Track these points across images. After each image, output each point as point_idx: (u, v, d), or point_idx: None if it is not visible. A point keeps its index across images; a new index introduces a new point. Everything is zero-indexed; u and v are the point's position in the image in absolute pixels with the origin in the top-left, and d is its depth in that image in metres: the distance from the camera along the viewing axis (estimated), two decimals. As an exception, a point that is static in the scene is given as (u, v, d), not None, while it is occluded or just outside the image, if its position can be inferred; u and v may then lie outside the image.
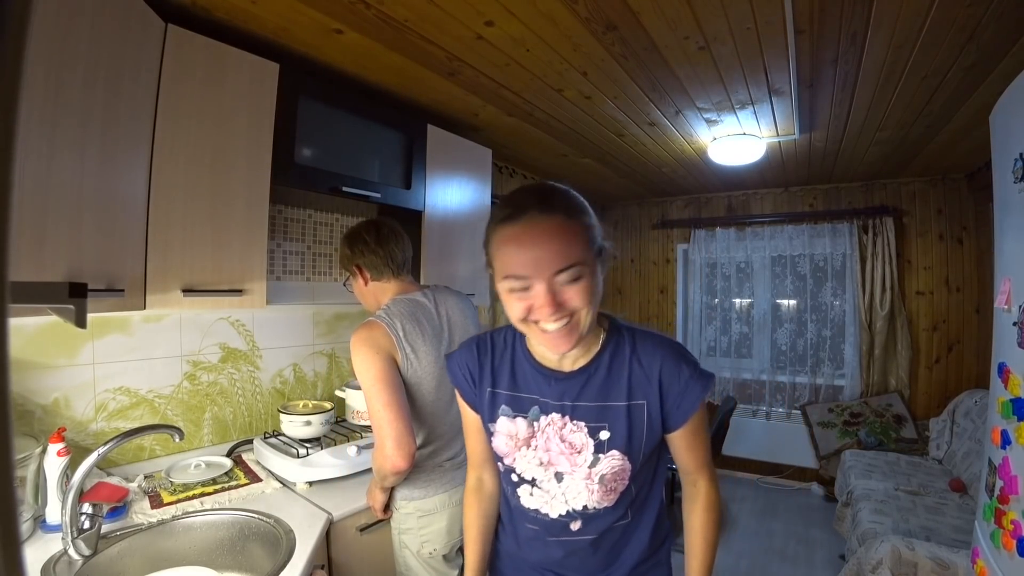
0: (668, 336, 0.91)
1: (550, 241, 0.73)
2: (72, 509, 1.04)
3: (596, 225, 0.80)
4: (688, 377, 0.85)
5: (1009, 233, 1.34)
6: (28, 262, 0.87)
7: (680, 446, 0.91)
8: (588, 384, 0.86)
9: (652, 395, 0.85)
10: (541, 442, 0.88)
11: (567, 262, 0.73)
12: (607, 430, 0.85)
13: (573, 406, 0.86)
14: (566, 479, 0.88)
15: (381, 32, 1.51)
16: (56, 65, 0.91)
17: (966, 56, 1.62)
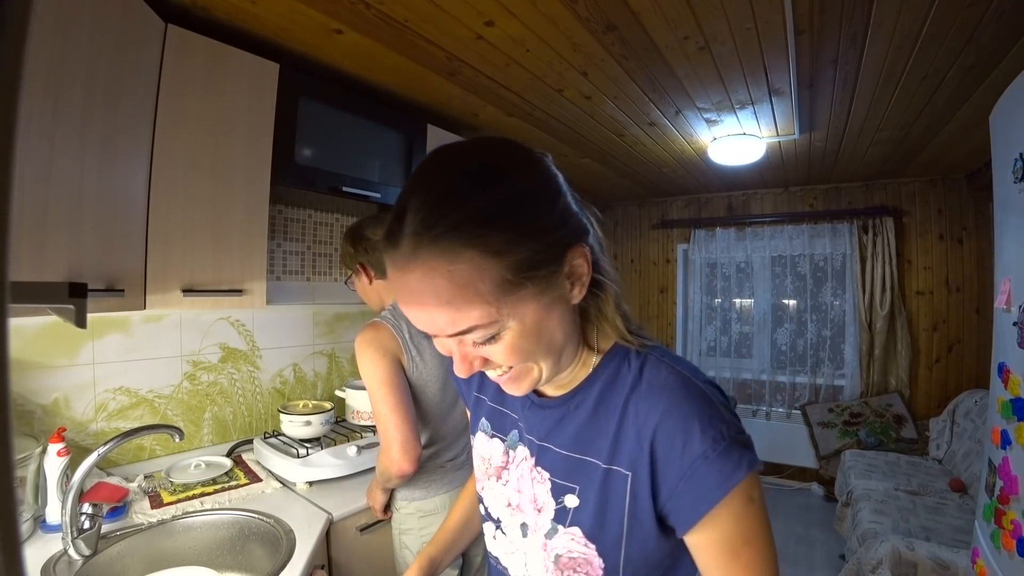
0: (695, 372, 0.56)
1: (426, 292, 0.47)
2: (72, 509, 1.04)
3: (546, 227, 0.49)
4: (700, 455, 0.50)
5: (1009, 233, 1.34)
6: (28, 262, 0.87)
7: (705, 565, 0.54)
8: (564, 421, 0.60)
9: (642, 467, 0.54)
10: (513, 478, 0.64)
11: (462, 325, 0.48)
12: (576, 495, 0.58)
13: (540, 447, 0.61)
14: (529, 536, 0.63)
15: (381, 32, 1.51)
16: (56, 65, 0.91)
17: (966, 56, 1.62)
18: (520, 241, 0.47)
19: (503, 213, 0.47)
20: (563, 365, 0.57)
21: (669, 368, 0.55)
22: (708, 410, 0.51)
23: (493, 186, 0.48)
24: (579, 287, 0.53)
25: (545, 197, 0.51)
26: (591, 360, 0.59)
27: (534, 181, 0.52)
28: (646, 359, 0.57)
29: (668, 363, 0.56)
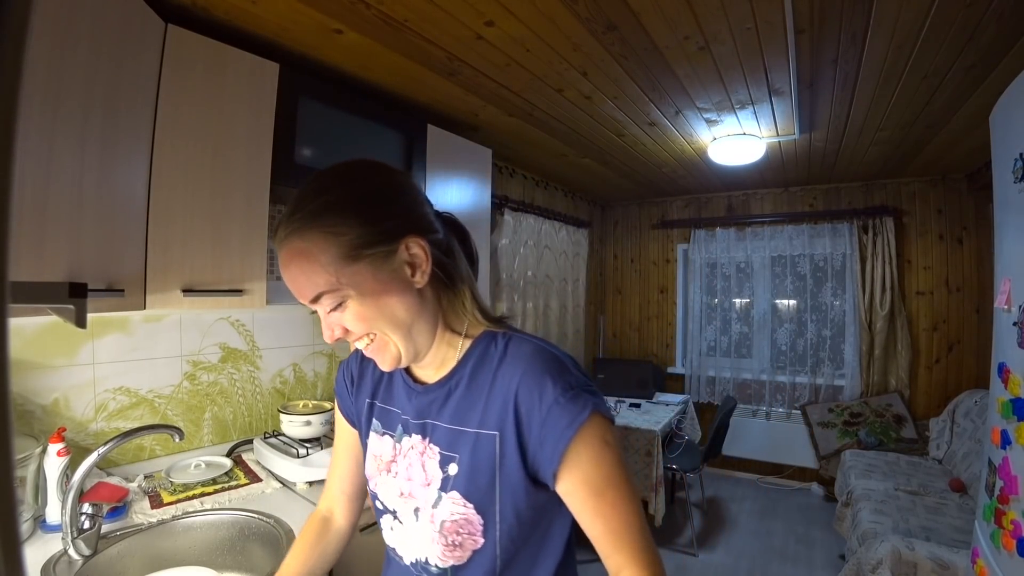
0: (551, 345, 0.66)
1: (290, 265, 0.60)
2: (72, 509, 1.04)
3: (381, 215, 0.61)
4: (552, 401, 0.59)
5: (1009, 233, 1.34)
6: (28, 262, 0.87)
7: (577, 510, 0.62)
8: (447, 401, 0.68)
9: (508, 425, 0.62)
10: (402, 468, 0.71)
11: (312, 292, 0.60)
12: (456, 463, 0.66)
13: (433, 425, 0.69)
14: (421, 518, 0.69)
15: (381, 32, 1.51)
16: (56, 65, 0.91)
17: (966, 56, 1.62)
18: (355, 224, 0.59)
19: (345, 204, 0.60)
20: (420, 345, 0.67)
21: (528, 342, 0.66)
22: (558, 367, 0.63)
23: (342, 185, 0.62)
24: (419, 274, 0.63)
25: (385, 196, 0.63)
26: (463, 345, 0.69)
27: (377, 184, 0.63)
28: (511, 338, 0.67)
29: (528, 339, 0.67)
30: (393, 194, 0.64)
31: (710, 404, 3.98)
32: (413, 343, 0.66)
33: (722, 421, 3.01)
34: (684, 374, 4.12)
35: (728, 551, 2.83)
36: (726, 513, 3.32)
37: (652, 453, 2.71)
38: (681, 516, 3.24)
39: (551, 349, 0.65)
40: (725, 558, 2.76)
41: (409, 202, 0.65)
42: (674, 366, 4.23)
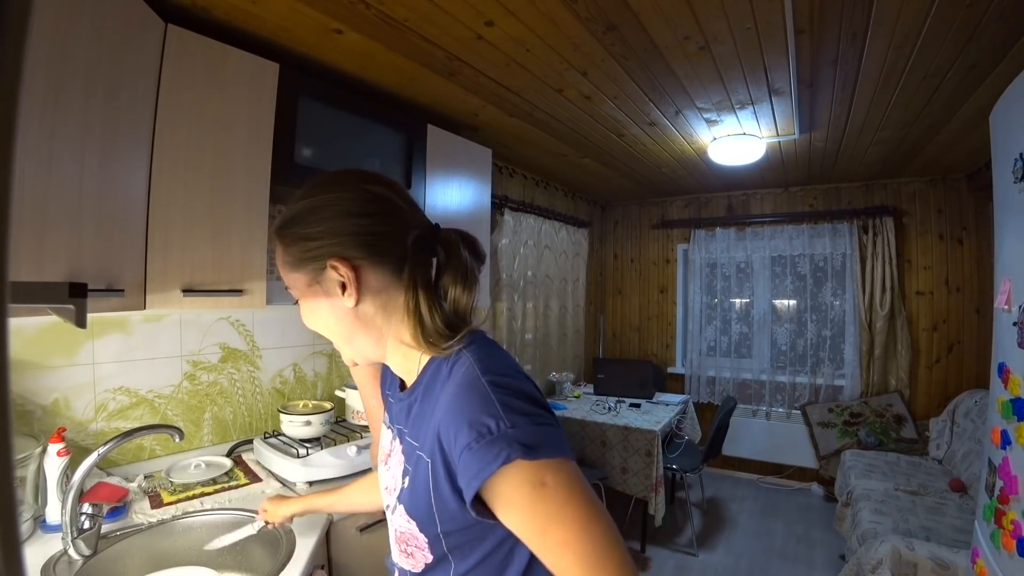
0: (485, 372, 0.60)
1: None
2: (72, 509, 1.04)
3: (309, 231, 0.64)
4: (464, 446, 0.55)
5: (1009, 233, 1.34)
6: (28, 262, 0.87)
7: (528, 544, 0.57)
8: (410, 414, 0.68)
9: (437, 456, 0.60)
10: (392, 463, 0.71)
11: (286, 284, 0.70)
12: (409, 477, 0.65)
13: (402, 432, 0.70)
14: (391, 517, 0.71)
15: (381, 32, 1.51)
16: (56, 65, 0.91)
17: (966, 56, 1.62)
18: (297, 239, 0.66)
19: (296, 219, 0.66)
20: (367, 353, 0.70)
21: (469, 366, 0.61)
22: (480, 405, 0.56)
23: (305, 198, 0.67)
24: (347, 295, 0.64)
25: (318, 218, 0.65)
26: (421, 360, 0.68)
27: (325, 202, 0.66)
28: (459, 357, 0.63)
29: (473, 360, 0.62)
30: (334, 214, 0.65)
31: (710, 404, 3.98)
32: (356, 350, 0.70)
33: (722, 421, 3.01)
34: (684, 374, 4.12)
35: (728, 551, 2.83)
36: (726, 513, 3.32)
37: (652, 453, 2.71)
38: (681, 516, 3.24)
39: (483, 378, 0.59)
40: (725, 558, 2.76)
41: (352, 223, 0.64)
42: (674, 366, 4.23)
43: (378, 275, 0.65)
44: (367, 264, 0.65)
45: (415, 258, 0.66)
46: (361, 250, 0.64)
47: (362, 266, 0.64)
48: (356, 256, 0.64)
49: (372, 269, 0.65)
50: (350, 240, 0.64)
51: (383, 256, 0.65)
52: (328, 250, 0.64)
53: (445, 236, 0.68)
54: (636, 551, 2.84)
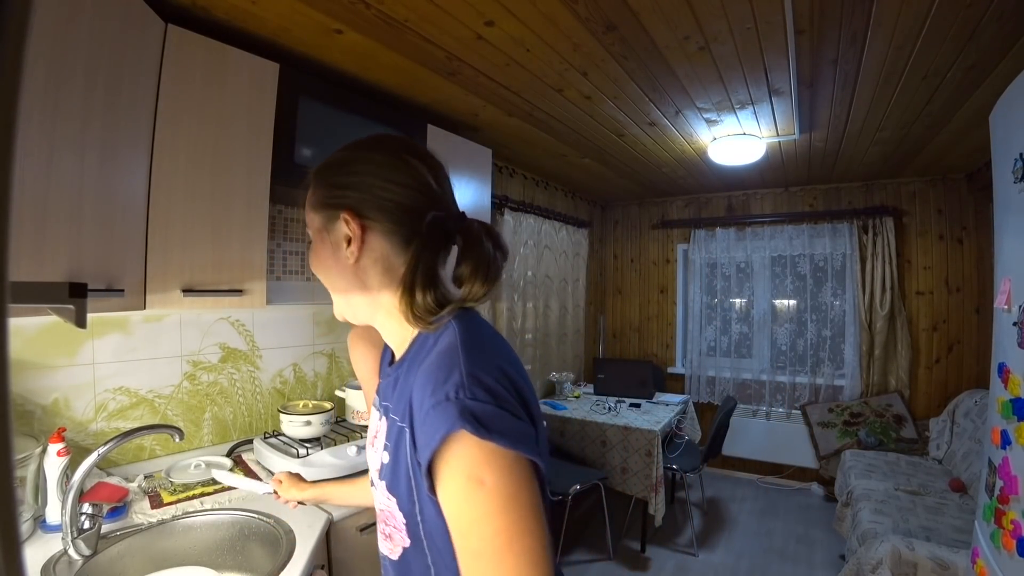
0: (470, 343, 0.59)
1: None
2: (72, 509, 1.04)
3: (337, 180, 0.66)
4: (431, 405, 0.53)
5: (1009, 233, 1.34)
6: (28, 262, 0.87)
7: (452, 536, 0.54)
8: (395, 387, 0.66)
9: (407, 421, 0.58)
10: (378, 442, 0.68)
11: (306, 223, 0.71)
12: (388, 452, 0.63)
13: (386, 408, 0.68)
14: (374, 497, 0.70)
15: (381, 32, 1.51)
16: (56, 65, 0.91)
17: (966, 56, 1.62)
18: (323, 184, 0.68)
19: (328, 169, 0.68)
20: (360, 315, 0.70)
21: (453, 334, 0.60)
22: (452, 372, 0.54)
23: (343, 150, 0.69)
24: (349, 251, 0.65)
25: (350, 170, 0.66)
26: (414, 332, 0.67)
27: (355, 159, 0.67)
28: (447, 327, 0.62)
29: (458, 330, 0.61)
30: (364, 171, 0.65)
31: (710, 404, 3.98)
32: (349, 306, 0.70)
33: (722, 421, 3.01)
34: (684, 374, 4.12)
35: (728, 551, 2.83)
36: (726, 513, 3.32)
37: (652, 453, 2.71)
38: (681, 516, 3.24)
39: (462, 347, 0.57)
40: (725, 558, 2.76)
41: (377, 185, 0.64)
42: (674, 366, 4.23)
43: (384, 241, 0.65)
44: (377, 228, 0.65)
45: (427, 237, 0.65)
46: (375, 212, 0.64)
47: (372, 227, 0.65)
48: (369, 216, 0.64)
49: (380, 234, 0.65)
50: (369, 200, 0.64)
51: (396, 225, 0.65)
52: (346, 202, 0.65)
53: (467, 225, 0.66)
54: (636, 551, 2.84)
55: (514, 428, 0.52)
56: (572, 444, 2.97)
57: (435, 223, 0.65)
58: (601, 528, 2.97)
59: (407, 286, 0.63)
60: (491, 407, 0.52)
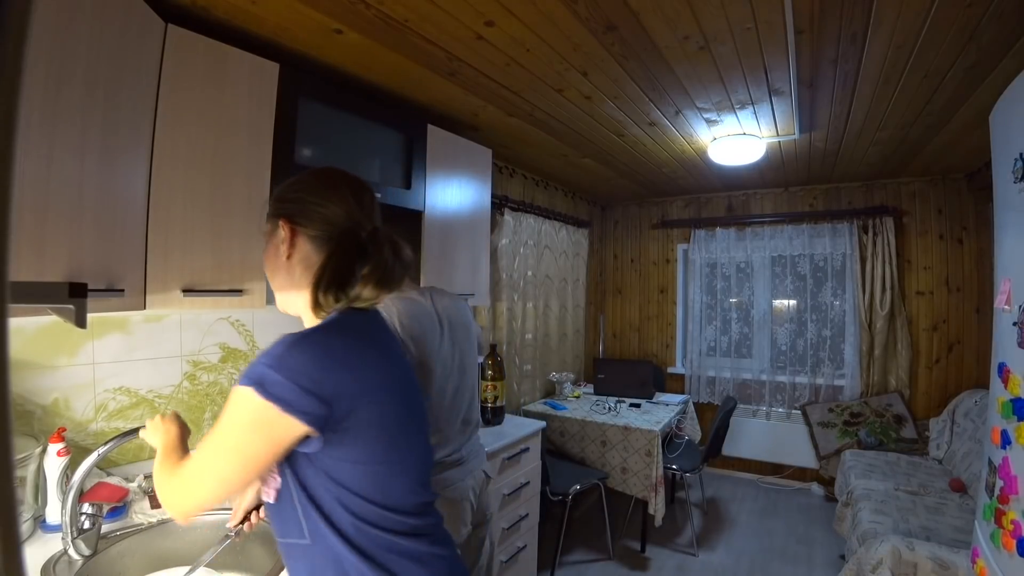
0: (307, 331, 0.76)
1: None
2: (72, 509, 1.04)
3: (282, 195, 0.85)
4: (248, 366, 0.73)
5: (1009, 233, 1.34)
6: (28, 262, 0.87)
7: None
8: None
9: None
10: None
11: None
12: None
13: None
14: None
15: (381, 32, 1.51)
16: (56, 65, 0.91)
17: (966, 56, 1.62)
18: (272, 201, 0.87)
19: (280, 189, 0.88)
20: (286, 306, 0.87)
21: (314, 325, 0.78)
22: (266, 354, 0.71)
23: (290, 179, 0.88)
24: (284, 251, 0.83)
25: (293, 189, 0.85)
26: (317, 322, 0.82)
27: (298, 181, 0.86)
28: (324, 320, 0.80)
29: (322, 324, 0.78)
30: (300, 188, 0.84)
31: (710, 404, 3.98)
32: (285, 301, 0.87)
33: (722, 421, 3.01)
34: (684, 374, 4.12)
35: (728, 551, 2.83)
36: (726, 513, 3.32)
37: (652, 453, 2.71)
38: (681, 516, 3.24)
39: (287, 339, 0.73)
40: (725, 558, 2.76)
41: (307, 199, 0.83)
42: (674, 366, 4.23)
43: (308, 244, 0.82)
44: (304, 233, 0.82)
45: (340, 242, 0.80)
46: (304, 220, 0.82)
47: (300, 232, 0.82)
48: (298, 223, 0.83)
49: (306, 238, 0.82)
50: (300, 211, 0.82)
51: (318, 232, 0.82)
52: (283, 212, 0.84)
53: (376, 236, 0.82)
54: (636, 551, 2.84)
55: (289, 391, 0.68)
56: (572, 444, 2.97)
57: (348, 232, 0.81)
58: (601, 528, 2.97)
59: (316, 281, 0.79)
60: (279, 377, 0.68)
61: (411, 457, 0.82)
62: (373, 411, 0.76)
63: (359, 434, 0.74)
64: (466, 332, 1.44)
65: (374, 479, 0.75)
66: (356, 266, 0.79)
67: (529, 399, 3.34)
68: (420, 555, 0.78)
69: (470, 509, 1.39)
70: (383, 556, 0.75)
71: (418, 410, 0.88)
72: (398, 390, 0.82)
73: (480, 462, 1.46)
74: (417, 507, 0.81)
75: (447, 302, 1.44)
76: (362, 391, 0.75)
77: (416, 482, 0.82)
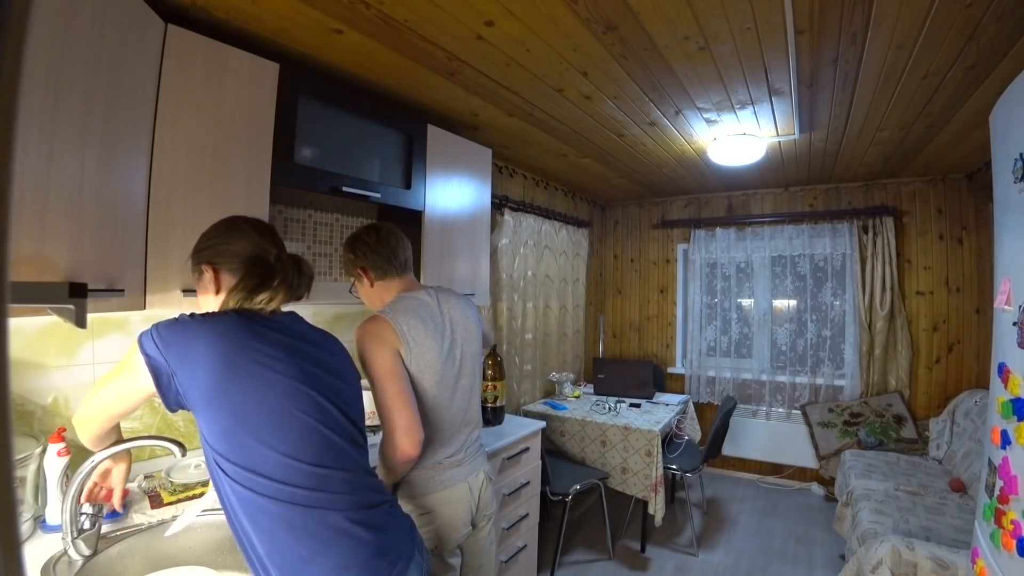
0: (189, 315, 0.96)
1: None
2: (72, 509, 1.04)
3: (199, 246, 1.05)
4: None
5: (1009, 233, 1.34)
6: (28, 262, 0.87)
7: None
8: None
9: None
10: None
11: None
12: None
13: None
14: None
15: (381, 32, 1.51)
16: (56, 65, 0.91)
17: (966, 56, 1.62)
18: (192, 255, 1.05)
19: (197, 243, 1.06)
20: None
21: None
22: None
23: (203, 234, 1.07)
24: (212, 286, 1.02)
25: (205, 240, 1.05)
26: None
27: (209, 233, 1.06)
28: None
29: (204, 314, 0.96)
30: (210, 238, 1.04)
31: (710, 404, 3.98)
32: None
33: (722, 421, 3.01)
34: (684, 374, 4.12)
35: (728, 551, 2.83)
36: (726, 513, 3.32)
37: (652, 453, 2.71)
38: (681, 516, 3.24)
39: (188, 317, 0.93)
40: (725, 558, 2.76)
41: (217, 243, 1.02)
42: (674, 366, 4.23)
43: (230, 276, 1.01)
44: (224, 268, 1.02)
45: (248, 266, 1.00)
46: (220, 259, 1.02)
47: (220, 269, 1.02)
48: (217, 264, 1.02)
49: (227, 271, 1.01)
50: (215, 253, 1.02)
51: (235, 265, 1.01)
52: (202, 259, 1.02)
53: (278, 257, 1.03)
54: (636, 551, 2.84)
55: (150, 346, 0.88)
56: (572, 444, 2.97)
57: (255, 259, 1.01)
58: (601, 528, 2.97)
59: (230, 293, 0.98)
60: (152, 338, 0.89)
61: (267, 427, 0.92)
62: (201, 377, 0.89)
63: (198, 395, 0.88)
64: (471, 332, 1.45)
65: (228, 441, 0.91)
66: (267, 282, 0.98)
67: (529, 399, 3.34)
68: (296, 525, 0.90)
69: (471, 509, 1.39)
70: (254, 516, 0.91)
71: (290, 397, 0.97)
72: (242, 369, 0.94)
73: (481, 462, 1.46)
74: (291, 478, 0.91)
75: (453, 301, 1.45)
76: (193, 357, 0.89)
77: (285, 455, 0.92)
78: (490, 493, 1.47)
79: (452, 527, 1.34)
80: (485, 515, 1.45)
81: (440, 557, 1.34)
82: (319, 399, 0.98)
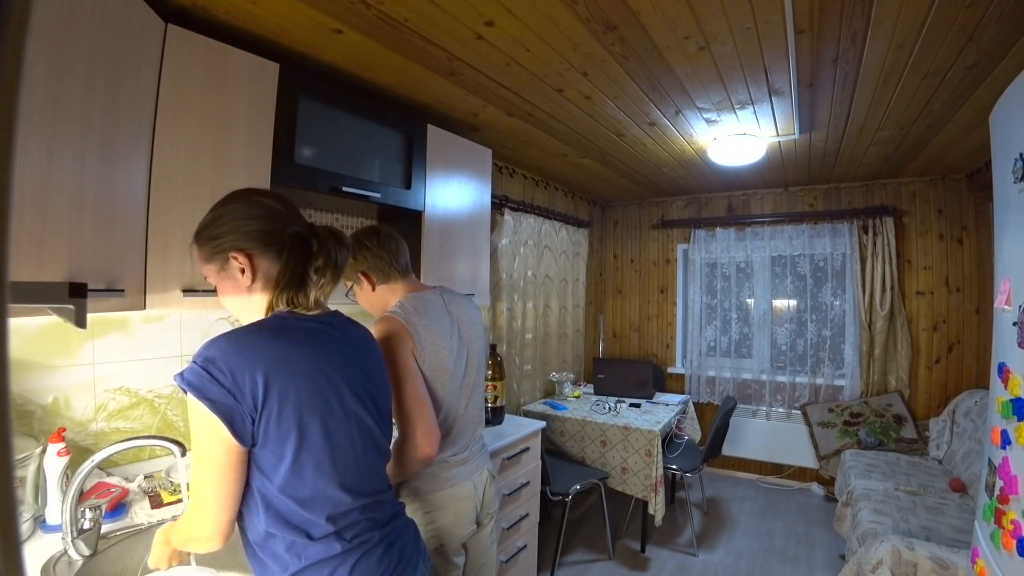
0: (237, 330, 0.84)
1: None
2: (72, 509, 1.04)
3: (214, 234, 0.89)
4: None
5: (1009, 233, 1.34)
6: (28, 262, 0.87)
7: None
8: None
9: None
10: None
11: (204, 275, 0.94)
12: None
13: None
14: None
15: (381, 32, 1.51)
16: (56, 65, 0.91)
17: (966, 56, 1.62)
18: (204, 244, 0.88)
19: (204, 230, 0.89)
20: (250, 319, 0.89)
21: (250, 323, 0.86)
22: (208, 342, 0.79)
23: (206, 216, 0.90)
24: (246, 277, 0.87)
25: (219, 223, 0.87)
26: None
27: (219, 214, 0.88)
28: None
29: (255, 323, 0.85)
30: (231, 219, 0.87)
31: (710, 404, 3.98)
32: (248, 319, 0.90)
33: (722, 421, 3.01)
34: (684, 374, 4.12)
35: (728, 551, 2.83)
36: (726, 513, 3.32)
37: (652, 453, 2.71)
38: (681, 516, 3.24)
39: (229, 333, 0.81)
40: (725, 558, 2.76)
41: (243, 224, 0.86)
42: (674, 366, 4.23)
43: (265, 260, 0.87)
44: (258, 253, 0.87)
45: (290, 246, 0.87)
46: (249, 242, 0.86)
47: (254, 254, 0.87)
48: (247, 247, 0.86)
49: (260, 256, 0.87)
50: (241, 237, 0.86)
51: (268, 246, 0.87)
52: (227, 245, 0.86)
53: (317, 231, 0.91)
54: (636, 551, 2.84)
55: (209, 388, 0.75)
56: (572, 444, 2.97)
57: (294, 235, 0.88)
58: (601, 528, 2.97)
59: (276, 282, 0.87)
60: (201, 370, 0.76)
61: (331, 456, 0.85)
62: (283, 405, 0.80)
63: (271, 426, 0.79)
64: (476, 331, 1.45)
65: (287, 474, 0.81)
66: (309, 265, 0.87)
67: (529, 399, 3.34)
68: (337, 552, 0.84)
69: (476, 507, 1.39)
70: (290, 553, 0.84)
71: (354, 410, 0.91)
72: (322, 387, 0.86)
73: (485, 460, 1.47)
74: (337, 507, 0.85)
75: (458, 301, 1.45)
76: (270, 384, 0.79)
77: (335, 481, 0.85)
78: (494, 491, 1.48)
79: (458, 525, 1.34)
80: (489, 513, 1.46)
81: (444, 556, 1.34)
82: (369, 422, 0.93)
